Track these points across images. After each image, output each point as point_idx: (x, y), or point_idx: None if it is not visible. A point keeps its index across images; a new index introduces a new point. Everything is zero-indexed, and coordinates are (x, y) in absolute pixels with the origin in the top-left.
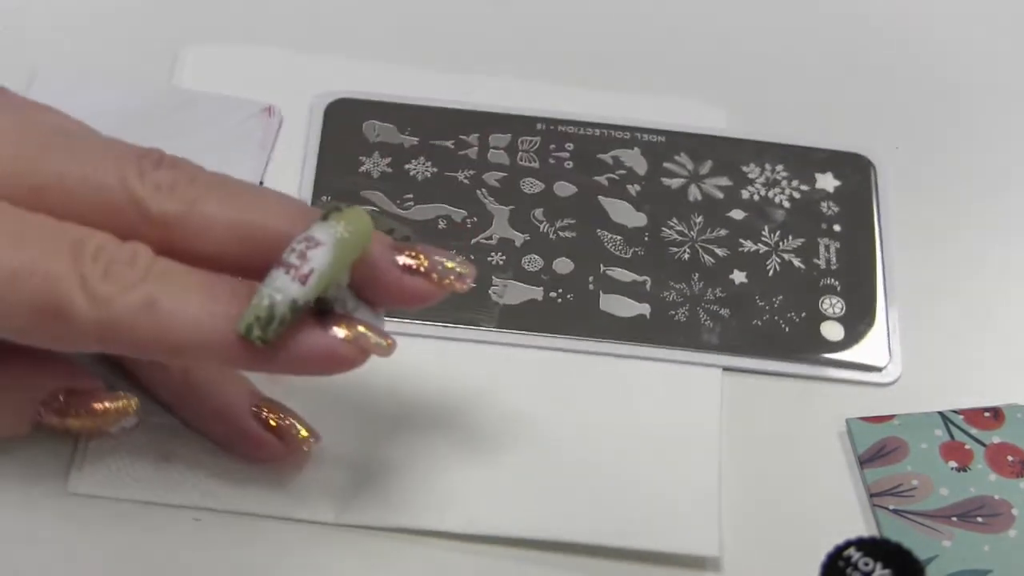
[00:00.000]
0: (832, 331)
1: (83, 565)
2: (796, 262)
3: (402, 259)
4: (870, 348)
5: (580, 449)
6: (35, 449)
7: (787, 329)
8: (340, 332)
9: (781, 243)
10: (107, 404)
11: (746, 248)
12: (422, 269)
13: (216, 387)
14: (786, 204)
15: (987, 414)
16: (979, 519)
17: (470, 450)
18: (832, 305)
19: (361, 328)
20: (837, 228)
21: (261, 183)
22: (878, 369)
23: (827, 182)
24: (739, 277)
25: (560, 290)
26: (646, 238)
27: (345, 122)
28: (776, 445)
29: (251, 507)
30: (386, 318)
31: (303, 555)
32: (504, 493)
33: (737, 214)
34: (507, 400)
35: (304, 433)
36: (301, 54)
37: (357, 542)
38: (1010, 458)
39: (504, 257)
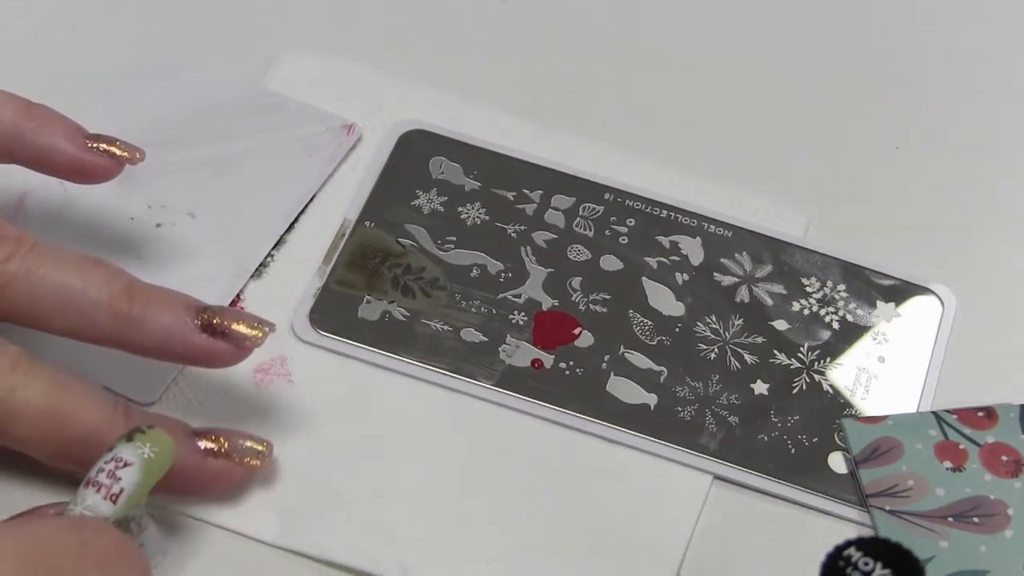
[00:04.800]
0: (840, 463)
1: None
2: (826, 385)
3: (203, 444)
4: None
5: (540, 524)
6: None
7: (793, 451)
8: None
9: (817, 363)
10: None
11: (778, 360)
12: (223, 451)
13: (154, 313)
14: (836, 325)
15: (980, 413)
16: (975, 519)
17: (425, 499)
18: None
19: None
20: (881, 361)
21: (314, 197)
22: None
23: (887, 312)
24: (760, 388)
25: (571, 362)
26: (677, 329)
27: (415, 153)
28: (748, 568)
29: (194, 511)
30: (392, 355)
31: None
32: (443, 548)
33: (781, 324)
34: (480, 458)
35: (253, 332)
36: (395, 77)
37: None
38: (1004, 458)
39: (525, 318)
